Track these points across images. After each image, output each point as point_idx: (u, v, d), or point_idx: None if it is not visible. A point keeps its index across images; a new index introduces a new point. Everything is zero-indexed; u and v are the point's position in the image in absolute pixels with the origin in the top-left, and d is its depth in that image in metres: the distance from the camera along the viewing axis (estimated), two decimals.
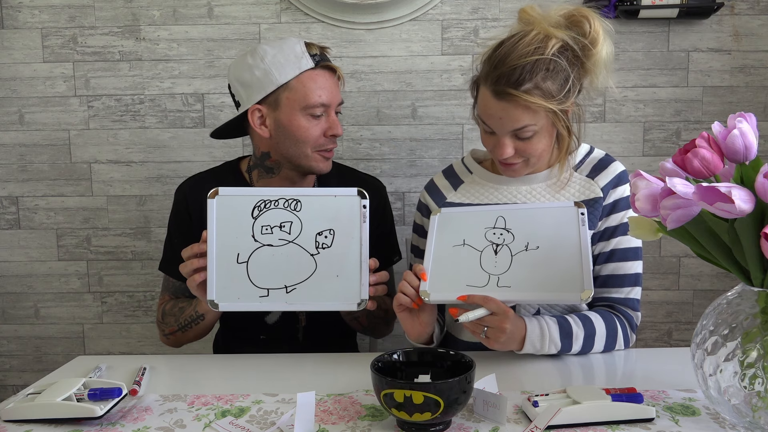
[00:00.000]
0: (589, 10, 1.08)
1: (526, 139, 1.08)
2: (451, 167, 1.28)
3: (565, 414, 0.79)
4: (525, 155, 1.10)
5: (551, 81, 1.04)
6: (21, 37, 1.69)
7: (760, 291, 0.74)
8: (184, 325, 1.22)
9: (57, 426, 0.85)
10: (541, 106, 1.03)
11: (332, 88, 1.21)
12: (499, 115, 1.06)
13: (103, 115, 1.71)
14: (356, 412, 0.87)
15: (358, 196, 1.06)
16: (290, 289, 1.04)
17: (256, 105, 1.20)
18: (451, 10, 1.65)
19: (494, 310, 0.97)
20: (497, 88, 1.04)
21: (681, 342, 1.75)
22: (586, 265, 1.00)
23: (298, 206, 1.06)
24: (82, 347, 1.81)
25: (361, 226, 1.05)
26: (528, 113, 1.05)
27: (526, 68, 1.03)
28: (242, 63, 1.20)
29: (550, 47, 1.03)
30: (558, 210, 1.07)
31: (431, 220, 1.13)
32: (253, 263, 1.04)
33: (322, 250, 1.05)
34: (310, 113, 1.19)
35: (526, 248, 1.04)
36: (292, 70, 1.17)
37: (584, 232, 1.03)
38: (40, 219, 1.76)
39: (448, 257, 1.07)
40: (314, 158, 1.23)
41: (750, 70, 1.65)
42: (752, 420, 0.74)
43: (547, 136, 1.09)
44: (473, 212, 1.12)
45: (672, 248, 1.72)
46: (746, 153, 0.72)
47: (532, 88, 1.03)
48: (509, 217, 1.08)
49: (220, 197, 1.05)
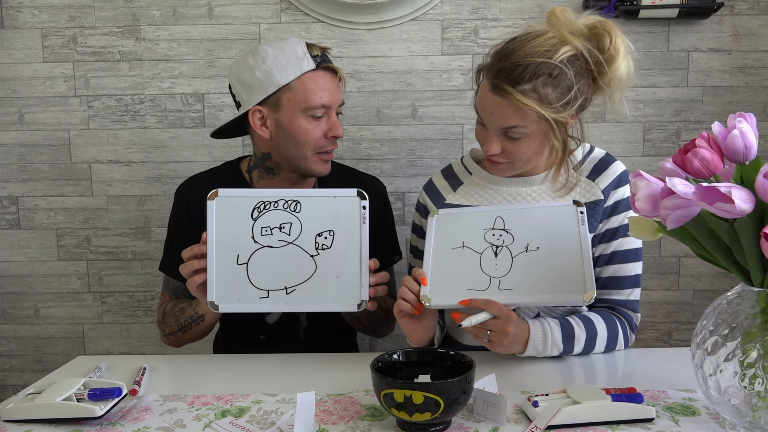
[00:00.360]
0: (614, 25, 1.05)
1: (515, 140, 1.06)
2: (450, 167, 1.28)
3: (565, 414, 0.79)
4: (511, 156, 1.08)
5: (552, 88, 1.01)
6: (21, 37, 1.69)
7: (760, 291, 0.74)
8: (184, 325, 1.22)
9: (57, 426, 0.85)
10: (533, 110, 1.01)
11: (333, 89, 1.21)
12: (491, 110, 1.05)
13: (103, 115, 1.71)
14: (356, 412, 0.87)
15: (358, 197, 1.06)
16: (290, 291, 1.04)
17: (257, 106, 1.20)
18: (451, 10, 1.65)
19: (497, 313, 0.96)
20: (495, 82, 1.03)
21: (681, 342, 1.75)
22: (588, 266, 0.99)
23: (298, 207, 1.06)
24: (82, 347, 1.81)
25: (361, 227, 1.05)
26: (519, 114, 1.03)
27: (529, 68, 1.00)
28: (243, 63, 1.20)
29: (561, 54, 1.01)
30: (557, 209, 1.06)
31: (429, 221, 1.12)
32: (253, 264, 1.04)
33: (322, 251, 1.05)
34: (311, 114, 1.19)
35: (526, 249, 1.03)
36: (293, 71, 1.17)
37: (584, 231, 1.02)
38: (40, 219, 1.76)
39: (448, 260, 1.06)
40: (313, 161, 1.22)
41: (750, 70, 1.65)
42: (752, 420, 0.74)
43: (536, 142, 1.07)
44: (471, 213, 1.11)
45: (672, 248, 1.72)
46: (746, 153, 0.72)
47: (529, 90, 1.01)
48: (508, 217, 1.07)
49: (219, 198, 1.05)
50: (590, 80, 1.05)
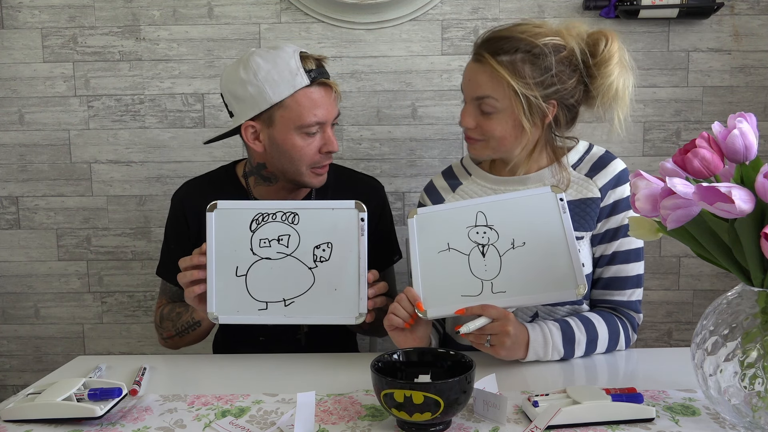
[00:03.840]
0: (616, 35, 1.07)
1: (488, 114, 1.08)
2: (450, 168, 1.28)
3: (565, 414, 0.79)
4: (485, 134, 1.10)
5: (530, 65, 1.04)
6: (21, 37, 1.68)
7: (760, 291, 0.74)
8: (181, 330, 1.22)
9: (57, 426, 0.85)
10: (504, 80, 1.04)
11: (328, 105, 1.17)
12: (468, 77, 1.10)
13: (103, 115, 1.71)
14: (356, 412, 0.87)
15: (356, 209, 1.05)
16: (288, 303, 1.04)
17: (249, 121, 1.17)
18: (451, 10, 1.65)
19: (494, 316, 0.96)
20: (477, 50, 1.08)
21: (681, 342, 1.75)
22: (575, 258, 0.99)
23: (296, 219, 1.06)
24: (82, 347, 1.81)
25: (359, 239, 1.04)
26: (492, 83, 1.06)
27: (511, 41, 1.05)
28: (235, 76, 1.15)
29: (547, 39, 1.04)
30: (536, 197, 1.04)
31: (409, 223, 1.08)
32: (252, 276, 1.04)
33: (320, 264, 1.04)
34: (306, 132, 1.16)
35: (512, 246, 1.02)
36: (286, 88, 1.12)
37: (566, 220, 1.01)
38: (40, 219, 1.76)
39: (436, 265, 1.04)
40: (308, 175, 1.20)
41: (750, 70, 1.65)
42: (752, 420, 0.74)
43: (509, 121, 1.08)
44: (450, 210, 1.08)
45: (672, 248, 1.72)
46: (746, 153, 0.72)
47: (506, 62, 1.04)
48: (488, 211, 1.04)
49: (218, 210, 1.05)
50: (576, 76, 1.07)
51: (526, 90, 1.04)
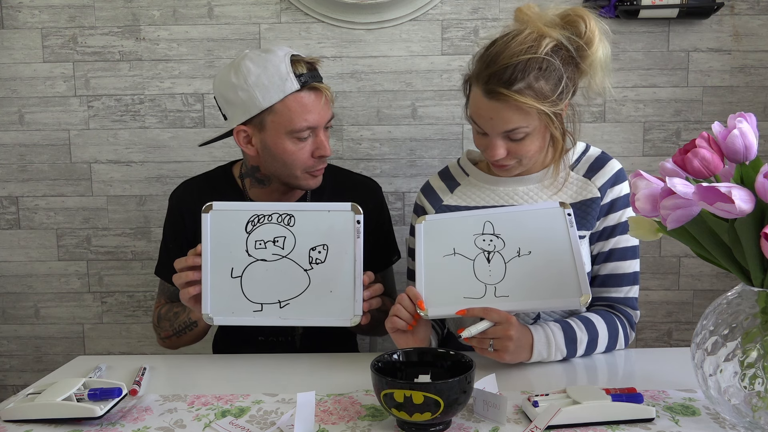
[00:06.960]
0: (585, 10, 1.06)
1: (518, 140, 1.06)
2: (447, 169, 1.28)
3: (565, 414, 0.79)
4: (517, 156, 1.08)
5: (544, 81, 1.02)
6: (21, 37, 1.68)
7: (760, 291, 0.74)
8: (178, 330, 1.22)
9: (57, 426, 0.85)
10: (533, 107, 1.01)
11: (319, 110, 1.15)
12: (490, 116, 1.05)
13: (103, 115, 1.71)
14: (356, 412, 0.87)
15: (352, 212, 1.05)
16: (284, 304, 1.04)
17: (241, 126, 1.17)
18: (451, 10, 1.65)
19: (497, 319, 0.96)
20: (488, 87, 1.02)
21: (681, 342, 1.75)
22: (581, 269, 0.99)
23: (292, 221, 1.05)
24: (82, 347, 1.81)
25: (355, 242, 1.04)
26: (520, 114, 1.03)
27: (519, 67, 1.01)
28: (226, 80, 1.15)
29: (544, 46, 1.02)
30: (544, 212, 1.05)
31: (417, 228, 1.09)
32: (247, 278, 1.04)
33: (316, 266, 1.04)
34: (297, 137, 1.15)
35: (518, 254, 1.02)
36: (276, 93, 1.12)
37: (573, 233, 1.02)
38: (40, 219, 1.76)
39: (441, 268, 1.04)
40: (303, 178, 1.20)
41: (750, 70, 1.65)
42: (752, 420, 0.74)
43: (539, 137, 1.08)
44: (459, 218, 1.09)
45: (672, 248, 1.72)
46: (746, 153, 0.72)
47: (525, 88, 1.01)
48: (496, 221, 1.05)
49: (214, 212, 1.05)
50: (574, 66, 1.06)
51: (553, 107, 1.03)
